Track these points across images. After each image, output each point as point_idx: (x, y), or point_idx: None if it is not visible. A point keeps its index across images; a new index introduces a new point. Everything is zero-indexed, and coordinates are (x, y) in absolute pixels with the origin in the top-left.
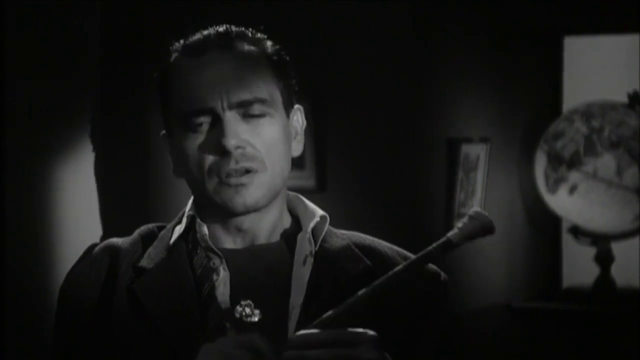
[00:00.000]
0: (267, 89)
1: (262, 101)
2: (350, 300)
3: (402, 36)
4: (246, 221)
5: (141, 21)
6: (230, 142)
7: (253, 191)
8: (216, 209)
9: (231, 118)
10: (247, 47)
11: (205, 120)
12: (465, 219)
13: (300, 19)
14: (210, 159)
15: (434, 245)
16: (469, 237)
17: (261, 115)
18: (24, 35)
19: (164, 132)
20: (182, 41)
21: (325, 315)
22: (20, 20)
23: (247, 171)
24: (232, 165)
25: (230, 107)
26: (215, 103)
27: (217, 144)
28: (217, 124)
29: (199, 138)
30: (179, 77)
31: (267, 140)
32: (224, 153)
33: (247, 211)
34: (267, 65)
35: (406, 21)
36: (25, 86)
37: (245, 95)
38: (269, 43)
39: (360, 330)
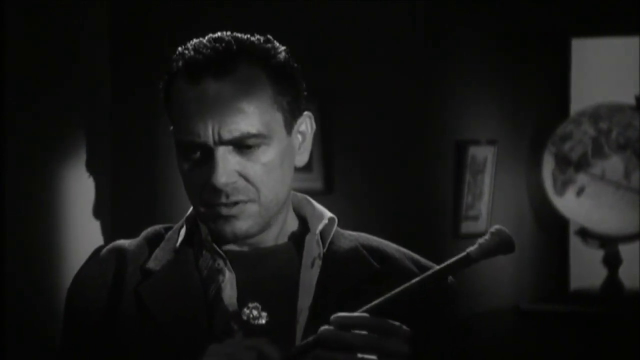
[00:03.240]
0: (264, 120)
1: (256, 136)
2: (362, 310)
3: (409, 38)
4: None
5: (146, 20)
6: (220, 180)
7: (244, 222)
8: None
9: (223, 152)
10: (247, 70)
11: (198, 151)
12: (487, 236)
13: (306, 21)
14: (201, 189)
15: (453, 260)
16: (489, 253)
17: (256, 146)
18: (26, 35)
19: (172, 127)
20: (185, 50)
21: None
22: (22, 19)
23: (238, 203)
24: (223, 199)
25: (222, 143)
26: (207, 138)
27: (208, 178)
28: (209, 156)
29: (192, 165)
30: (177, 99)
31: (261, 170)
32: (214, 188)
33: (238, 240)
34: (269, 86)
35: (413, 23)
36: (29, 87)
37: (238, 132)
38: (276, 55)
39: (397, 323)
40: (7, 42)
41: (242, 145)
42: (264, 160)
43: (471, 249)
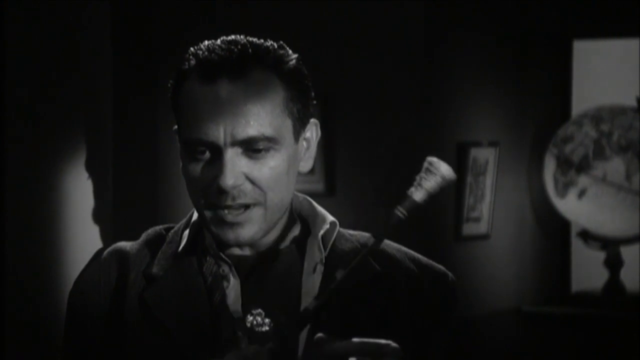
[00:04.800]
0: (275, 124)
1: (267, 139)
2: (332, 286)
3: (411, 41)
4: None
5: (149, 23)
6: (228, 183)
7: (249, 229)
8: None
9: (232, 154)
10: (261, 74)
11: (206, 151)
12: (423, 174)
13: (307, 24)
14: (207, 191)
15: (401, 209)
16: (434, 194)
17: (265, 150)
18: (29, 37)
19: (175, 127)
20: (198, 50)
21: (307, 306)
22: (25, 20)
23: (244, 206)
24: (229, 202)
25: (233, 144)
26: (217, 138)
27: (214, 179)
28: (218, 157)
29: (199, 167)
30: (188, 98)
31: (269, 174)
32: (221, 190)
33: (240, 246)
34: (281, 91)
35: (416, 26)
36: (30, 89)
37: (249, 134)
38: (289, 61)
39: (384, 341)
40: (8, 43)
41: (252, 148)
42: (272, 164)
43: (415, 193)
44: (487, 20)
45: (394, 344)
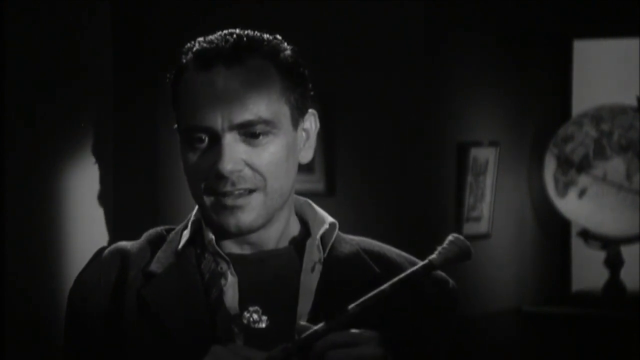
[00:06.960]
0: (272, 109)
1: (265, 122)
2: (340, 317)
3: (410, 40)
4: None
5: (151, 25)
6: (226, 167)
7: (248, 213)
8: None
9: (230, 139)
10: (257, 61)
11: (204, 137)
12: (446, 244)
13: (308, 23)
14: (206, 178)
15: (416, 267)
16: (449, 261)
17: (263, 135)
18: (29, 37)
19: (176, 126)
20: (195, 43)
21: (315, 329)
22: (25, 20)
23: (244, 191)
24: (228, 187)
25: (231, 128)
26: (214, 123)
27: (213, 165)
28: (216, 143)
29: (198, 154)
30: (186, 87)
31: (268, 159)
32: (220, 175)
33: (241, 233)
34: (278, 80)
35: (416, 25)
36: (31, 89)
37: (247, 117)
38: (285, 51)
39: (359, 331)
40: (8, 43)
41: (250, 133)
42: (272, 150)
43: (433, 256)
44: (487, 20)
45: (368, 332)
